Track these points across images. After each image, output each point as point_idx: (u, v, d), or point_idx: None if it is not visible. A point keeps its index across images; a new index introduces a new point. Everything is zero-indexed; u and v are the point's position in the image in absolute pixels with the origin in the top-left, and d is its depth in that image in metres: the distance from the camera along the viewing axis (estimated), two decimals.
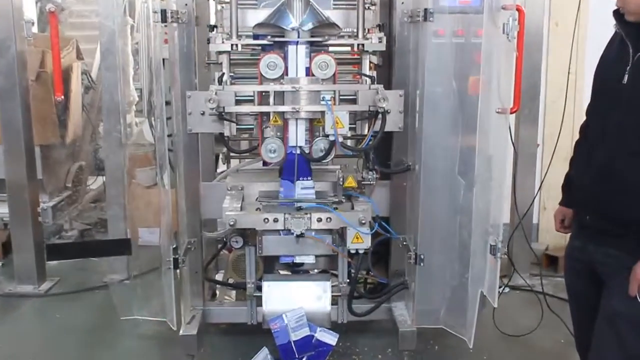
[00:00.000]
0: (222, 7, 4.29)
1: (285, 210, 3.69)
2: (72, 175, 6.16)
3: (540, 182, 5.05)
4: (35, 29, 5.51)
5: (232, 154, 4.72)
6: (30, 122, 5.04)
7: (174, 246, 3.90)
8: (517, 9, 3.29)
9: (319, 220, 3.63)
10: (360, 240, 3.70)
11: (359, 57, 3.99)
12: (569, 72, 5.02)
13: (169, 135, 3.91)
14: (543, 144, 5.55)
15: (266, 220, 3.61)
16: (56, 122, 5.53)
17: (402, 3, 3.90)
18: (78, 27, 7.34)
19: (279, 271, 4.27)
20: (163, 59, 3.79)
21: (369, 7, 4.23)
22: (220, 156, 6.50)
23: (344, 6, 4.25)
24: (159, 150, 3.86)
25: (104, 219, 5.98)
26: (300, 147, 3.69)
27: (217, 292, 4.84)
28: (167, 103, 3.90)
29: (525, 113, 5.12)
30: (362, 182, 3.88)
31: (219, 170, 6.17)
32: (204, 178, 4.29)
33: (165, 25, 3.74)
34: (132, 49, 6.94)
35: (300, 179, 3.77)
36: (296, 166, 3.72)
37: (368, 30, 4.05)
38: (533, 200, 4.99)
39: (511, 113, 3.39)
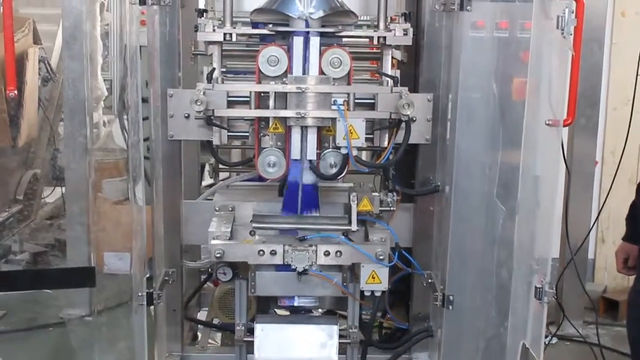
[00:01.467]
0: None
1: (285, 240, 3.71)
2: (24, 186, 6.20)
3: (599, 210, 5.07)
4: None
5: (221, 166, 4.74)
6: None
7: (148, 276, 3.93)
8: None
9: (327, 254, 3.65)
10: (377, 281, 3.71)
11: (378, 51, 4.02)
12: (637, 74, 5.04)
13: (145, 140, 3.94)
14: (602, 161, 5.58)
15: (261, 252, 3.63)
16: (6, 122, 5.58)
17: None
18: (35, 4, 7.40)
19: (275, 311, 4.29)
20: (140, 47, 3.83)
21: None
22: (207, 166, 6.57)
23: None
24: (132, 157, 3.89)
25: (62, 240, 6.02)
26: (310, 161, 3.72)
27: (199, 334, 4.86)
28: (144, 100, 3.94)
29: (582, 123, 5.15)
30: (380, 206, 3.89)
31: (204, 184, 6.24)
32: (187, 194, 4.32)
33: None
34: (101, 31, 6.99)
35: (305, 213, 3.80)
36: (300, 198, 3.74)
37: (391, 19, 4.08)
38: (589, 232, 5.02)
39: (564, 126, 3.41)
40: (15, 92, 4.16)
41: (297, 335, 3.96)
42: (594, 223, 5.11)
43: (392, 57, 3.97)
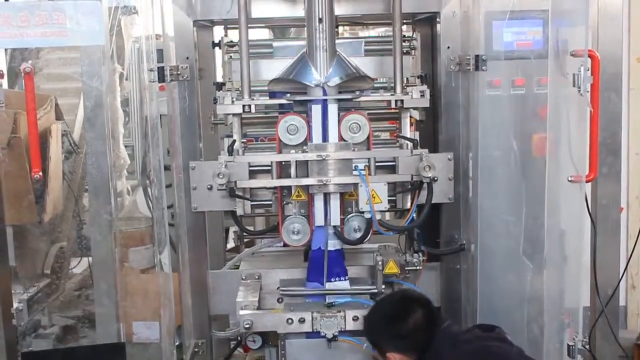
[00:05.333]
0: (231, 57, 4.39)
1: (313, 307, 3.71)
2: (52, 260, 6.23)
3: (629, 256, 5.02)
4: (4, 84, 5.65)
5: (245, 235, 4.76)
6: (1, 198, 5.13)
7: (178, 343, 3.93)
8: (590, 55, 3.31)
9: (355, 319, 3.65)
10: None
11: (396, 111, 4.04)
12: None
13: (169, 207, 3.97)
14: (628, 207, 5.54)
15: (290, 321, 3.64)
16: (32, 201, 5.63)
17: (448, 48, 3.98)
18: (56, 79, 7.50)
19: None
20: (160, 115, 3.88)
21: (407, 52, 4.31)
22: (231, 231, 6.59)
23: (378, 52, 4.33)
24: (157, 232, 3.93)
25: (91, 311, 6.02)
26: (334, 227, 3.74)
27: None
28: (167, 168, 3.99)
29: (605, 171, 5.10)
30: (406, 266, 3.89)
31: (228, 246, 6.25)
32: (212, 259, 4.34)
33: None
34: (121, 98, 7.06)
35: (332, 280, 3.80)
36: (326, 263, 3.75)
37: (407, 80, 4.11)
38: (620, 279, 4.95)
39: (587, 182, 3.41)
40: (41, 174, 4.21)
41: None
42: (625, 270, 5.05)
43: (410, 116, 4.01)
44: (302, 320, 3.63)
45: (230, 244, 6.67)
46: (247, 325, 3.61)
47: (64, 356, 4.97)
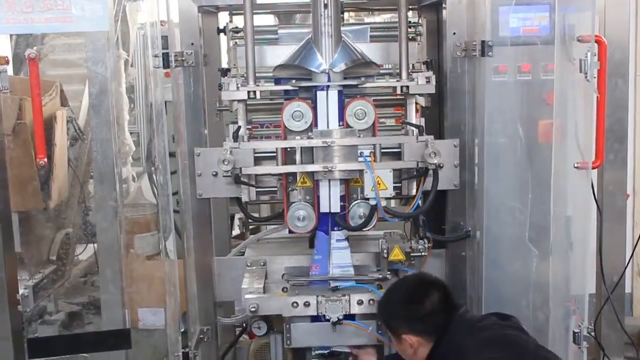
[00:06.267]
0: (236, 43, 4.38)
1: (318, 291, 3.72)
2: (57, 246, 6.23)
3: (635, 243, 5.01)
4: (9, 70, 5.64)
5: (251, 221, 4.76)
6: (7, 184, 5.13)
7: (183, 330, 3.94)
8: (597, 41, 3.30)
9: (360, 303, 3.67)
10: None
11: (402, 97, 4.03)
12: None
13: (174, 194, 3.98)
14: (634, 194, 5.52)
15: (295, 304, 3.65)
16: (37, 188, 5.63)
17: (454, 34, 3.95)
18: (61, 65, 7.49)
19: None
20: (165, 102, 3.87)
21: (413, 38, 4.29)
22: (236, 218, 6.59)
23: (383, 38, 4.31)
24: (162, 218, 3.93)
25: (97, 297, 6.03)
26: (335, 214, 3.73)
27: None
28: (172, 155, 3.98)
29: (611, 158, 5.09)
30: (411, 253, 3.89)
31: (234, 234, 6.26)
32: (217, 247, 4.34)
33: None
34: (126, 85, 7.06)
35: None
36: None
37: (413, 66, 4.10)
38: (626, 266, 4.95)
39: (593, 168, 3.40)
40: (45, 160, 4.22)
41: None
42: (631, 257, 5.05)
43: (416, 104, 3.99)
44: (307, 304, 3.65)
45: (236, 231, 6.69)
46: (253, 309, 3.62)
47: (70, 342, 4.97)
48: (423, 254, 3.91)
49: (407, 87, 3.79)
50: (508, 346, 3.16)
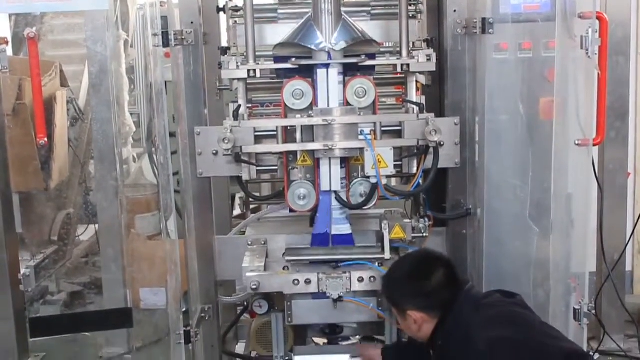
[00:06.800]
0: (236, 21, 4.36)
1: (319, 269, 3.72)
2: (59, 227, 6.25)
3: (635, 222, 5.02)
4: (9, 50, 5.64)
5: (252, 200, 4.76)
6: (7, 165, 5.14)
7: (184, 310, 3.95)
8: (598, 17, 3.28)
9: (361, 280, 3.67)
10: None
11: (402, 76, 4.02)
12: None
13: (175, 174, 3.98)
14: (635, 172, 5.52)
15: (296, 282, 3.66)
16: (38, 168, 5.65)
17: (455, 11, 3.93)
18: (61, 46, 7.48)
19: (313, 339, 4.29)
20: (165, 82, 3.87)
21: (413, 16, 4.27)
22: (237, 198, 6.59)
23: (384, 16, 4.29)
24: (163, 198, 3.93)
25: (98, 278, 6.06)
26: (335, 192, 3.73)
27: None
28: (172, 135, 3.98)
29: (612, 136, 5.10)
30: (412, 232, 3.89)
31: (235, 213, 6.26)
32: (218, 227, 4.33)
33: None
34: (126, 66, 7.05)
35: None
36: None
37: (413, 44, 4.09)
38: (626, 245, 4.96)
39: (594, 145, 3.40)
40: (46, 139, 4.22)
41: None
42: (631, 235, 5.06)
43: (417, 82, 3.98)
44: (308, 281, 3.65)
45: (237, 211, 6.69)
46: (254, 287, 3.62)
47: (72, 321, 5.01)
48: (424, 232, 3.90)
49: (408, 65, 3.77)
50: (514, 323, 3.15)
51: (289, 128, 3.74)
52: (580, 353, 3.13)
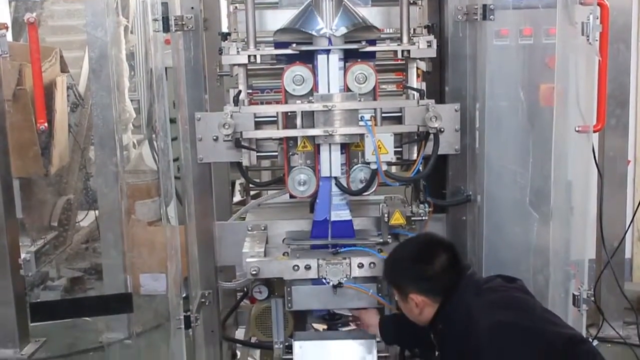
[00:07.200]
0: (236, 7, 4.35)
1: (319, 255, 3.73)
2: (59, 212, 6.26)
3: (635, 209, 5.02)
4: (9, 36, 5.64)
5: (252, 186, 4.76)
6: (7, 150, 5.15)
7: (184, 295, 3.96)
8: (599, 4, 3.27)
9: (361, 266, 3.67)
10: None
11: (403, 62, 4.02)
12: None
13: (175, 160, 3.98)
14: (635, 160, 5.52)
15: (296, 267, 3.66)
16: (38, 153, 5.65)
17: None
18: (60, 32, 7.49)
19: (313, 325, 4.30)
20: (165, 68, 3.86)
21: (414, 2, 4.27)
22: (237, 184, 6.59)
23: (384, 2, 4.28)
24: (163, 183, 3.93)
25: (98, 264, 6.07)
26: (335, 178, 3.73)
27: (238, 352, 4.89)
28: (172, 121, 3.98)
29: (612, 123, 5.11)
30: (412, 217, 3.89)
31: (235, 200, 6.27)
32: (219, 213, 4.34)
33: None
34: (126, 52, 7.05)
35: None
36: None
37: (414, 30, 4.08)
38: (626, 232, 4.97)
39: (594, 132, 3.39)
40: (46, 124, 4.22)
41: (336, 351, 3.94)
42: (631, 222, 5.06)
43: (417, 68, 3.98)
44: (308, 267, 3.66)
45: (237, 198, 6.70)
46: (254, 272, 3.63)
47: (72, 306, 5.02)
48: (424, 218, 3.90)
49: (408, 51, 3.76)
50: (516, 308, 3.16)
51: (289, 114, 3.73)
52: (580, 339, 3.14)
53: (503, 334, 3.03)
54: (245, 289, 4.43)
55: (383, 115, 3.73)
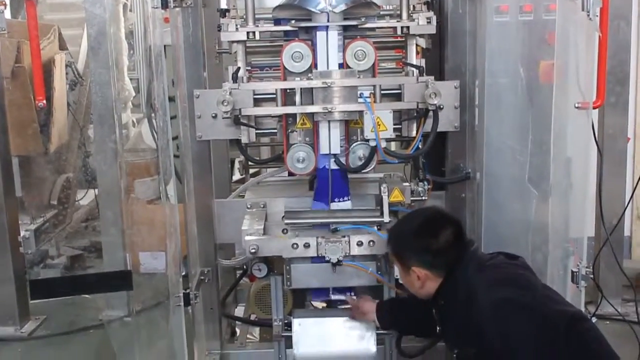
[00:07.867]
0: None
1: (318, 233, 3.72)
2: (58, 191, 6.26)
3: (634, 187, 5.01)
4: (7, 14, 5.61)
5: (251, 164, 4.74)
6: (6, 128, 5.14)
7: (184, 273, 3.96)
8: None
9: (360, 244, 3.68)
10: None
11: (403, 39, 4.00)
12: None
13: (174, 138, 3.97)
14: (635, 137, 5.51)
15: (295, 245, 3.66)
16: (37, 130, 5.64)
17: None
18: (59, 9, 7.45)
19: (312, 303, 4.31)
20: (164, 46, 3.84)
21: None
22: (237, 162, 6.58)
23: None
24: (163, 161, 3.92)
25: (98, 242, 6.07)
26: (334, 155, 3.72)
27: (238, 330, 4.90)
28: (171, 100, 3.96)
29: (612, 101, 5.09)
30: (412, 195, 3.89)
31: (234, 178, 6.26)
32: (218, 191, 4.33)
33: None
34: (125, 31, 7.03)
35: (336, 200, 3.82)
36: (330, 185, 3.74)
37: (413, 7, 4.06)
38: (625, 209, 4.96)
39: (594, 108, 3.39)
40: (44, 102, 4.21)
41: (335, 328, 3.97)
42: (630, 200, 5.06)
43: (417, 44, 3.95)
44: (307, 245, 3.66)
45: (236, 176, 6.69)
46: (253, 250, 3.63)
47: (72, 283, 5.03)
48: (423, 196, 3.91)
49: (408, 27, 3.76)
50: (518, 285, 3.15)
51: (288, 91, 3.72)
52: (580, 316, 3.14)
53: (505, 310, 3.03)
54: (244, 267, 4.43)
55: (382, 92, 3.72)
